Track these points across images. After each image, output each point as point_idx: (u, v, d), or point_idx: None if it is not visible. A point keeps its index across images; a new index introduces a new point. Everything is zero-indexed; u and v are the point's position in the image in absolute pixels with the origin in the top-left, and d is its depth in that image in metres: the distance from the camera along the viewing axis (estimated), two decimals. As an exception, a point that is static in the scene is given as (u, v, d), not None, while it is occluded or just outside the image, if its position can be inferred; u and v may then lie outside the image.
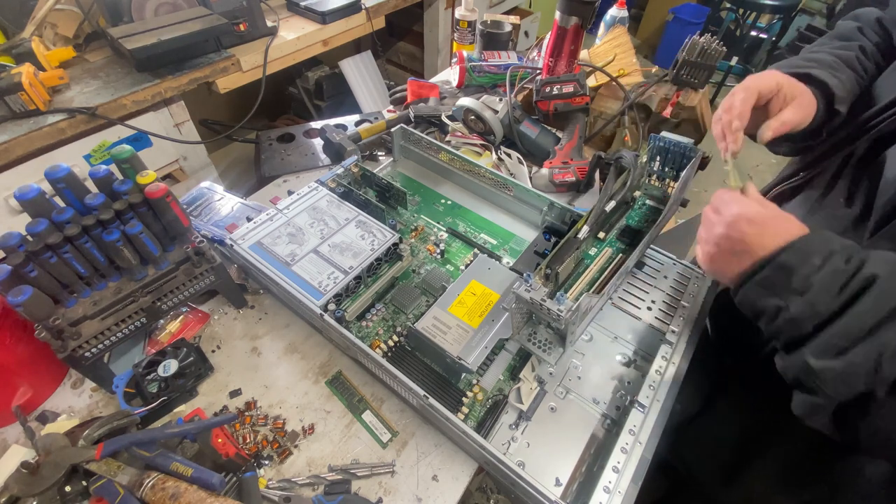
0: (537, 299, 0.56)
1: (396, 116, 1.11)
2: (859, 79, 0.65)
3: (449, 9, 2.03)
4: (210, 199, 0.90)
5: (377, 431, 0.65)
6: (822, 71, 0.62)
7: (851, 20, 0.71)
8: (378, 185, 0.90)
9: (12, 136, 0.99)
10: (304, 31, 1.49)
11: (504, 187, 0.90)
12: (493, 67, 1.22)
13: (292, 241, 0.74)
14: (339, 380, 0.70)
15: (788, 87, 0.60)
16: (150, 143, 1.24)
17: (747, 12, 3.12)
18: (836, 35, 0.72)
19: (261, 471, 0.61)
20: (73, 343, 0.59)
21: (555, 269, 0.64)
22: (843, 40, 0.69)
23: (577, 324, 0.60)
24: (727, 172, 0.59)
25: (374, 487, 0.60)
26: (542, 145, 1.05)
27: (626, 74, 1.12)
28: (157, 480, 0.51)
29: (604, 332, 0.76)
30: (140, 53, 1.14)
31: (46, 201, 0.58)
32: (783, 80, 0.60)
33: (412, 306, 0.75)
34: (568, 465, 0.62)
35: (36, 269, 0.55)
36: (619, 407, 0.67)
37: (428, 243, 0.85)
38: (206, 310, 0.78)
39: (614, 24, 1.29)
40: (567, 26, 0.90)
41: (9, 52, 1.10)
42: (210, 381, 0.69)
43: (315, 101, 1.94)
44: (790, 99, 0.60)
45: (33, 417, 0.64)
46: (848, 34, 0.69)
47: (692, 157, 0.75)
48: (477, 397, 0.66)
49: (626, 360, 0.73)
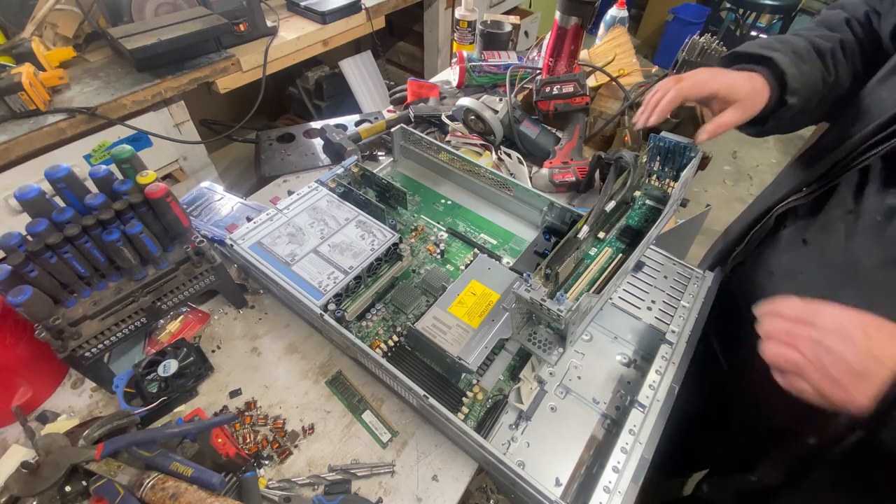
0: (537, 299, 0.56)
1: (396, 116, 1.11)
2: (826, 74, 0.65)
3: (449, 9, 2.03)
4: (210, 199, 0.90)
5: (377, 431, 0.65)
6: (785, 57, 0.62)
7: (839, 9, 0.70)
8: (378, 185, 0.90)
9: (12, 136, 0.99)
10: (304, 31, 1.49)
11: (504, 187, 0.90)
12: (493, 67, 1.22)
13: (292, 241, 0.74)
14: (339, 380, 0.70)
15: (728, 92, 0.62)
16: (150, 143, 1.24)
17: (747, 12, 3.12)
18: (822, 22, 0.71)
19: (261, 471, 0.61)
20: (73, 343, 0.59)
21: (555, 269, 0.64)
22: (829, 30, 0.68)
23: (577, 324, 0.60)
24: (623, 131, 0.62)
25: (374, 487, 0.60)
26: (542, 145, 1.05)
27: (626, 74, 1.12)
28: (157, 480, 0.51)
29: (604, 332, 0.76)
30: (140, 53, 1.14)
31: (46, 201, 0.58)
32: (722, 88, 0.62)
33: (412, 306, 0.75)
34: (568, 465, 0.62)
35: (36, 269, 0.55)
36: (619, 407, 0.67)
37: (428, 243, 0.85)
38: (206, 310, 0.78)
39: (614, 24, 1.29)
40: (567, 26, 0.90)
41: (9, 52, 1.09)
42: (210, 381, 0.69)
43: (315, 101, 1.94)
44: (731, 101, 0.62)
45: (33, 417, 0.64)
46: (835, 24, 0.69)
47: (692, 157, 0.75)
48: (477, 397, 0.66)
49: (626, 360, 0.73)
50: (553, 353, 0.63)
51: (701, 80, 0.62)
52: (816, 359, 0.42)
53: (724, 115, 0.62)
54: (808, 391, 0.43)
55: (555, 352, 0.63)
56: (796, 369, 0.43)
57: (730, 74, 0.64)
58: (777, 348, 0.45)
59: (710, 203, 2.59)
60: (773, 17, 3.14)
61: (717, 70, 0.66)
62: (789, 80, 0.62)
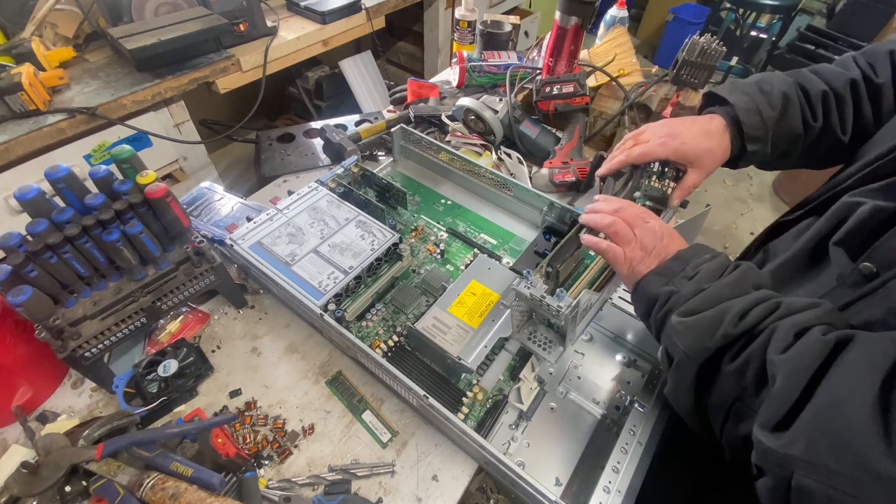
0: (537, 295, 0.56)
1: (396, 116, 1.10)
2: (809, 118, 0.63)
3: (449, 9, 2.03)
4: (210, 199, 0.90)
5: (377, 431, 0.65)
6: (749, 103, 0.63)
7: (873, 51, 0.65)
8: (378, 185, 0.90)
9: (12, 136, 0.99)
10: (304, 31, 1.49)
11: (504, 187, 0.90)
12: (493, 67, 1.22)
13: (292, 241, 0.74)
14: (339, 380, 0.70)
15: (676, 157, 0.65)
16: (150, 143, 1.24)
17: (747, 12, 3.12)
18: (865, 53, 0.66)
19: (261, 471, 0.61)
20: (73, 343, 0.59)
21: (556, 267, 0.64)
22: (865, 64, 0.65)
23: (577, 322, 0.60)
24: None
25: (374, 487, 0.60)
26: (542, 145, 1.05)
27: (626, 74, 1.12)
28: (157, 480, 0.51)
29: (604, 332, 0.76)
30: (140, 53, 1.14)
31: (46, 201, 0.58)
32: (670, 156, 0.65)
33: (412, 306, 0.75)
34: (568, 465, 0.62)
35: (36, 269, 0.55)
36: (619, 407, 0.67)
37: (428, 243, 0.85)
38: (206, 310, 0.78)
39: (614, 24, 1.29)
40: (567, 26, 0.90)
41: (9, 52, 1.09)
42: (210, 381, 0.69)
43: (315, 101, 1.94)
44: (688, 163, 0.65)
45: (33, 417, 0.64)
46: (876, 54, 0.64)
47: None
48: (477, 397, 0.66)
49: (626, 360, 0.73)
50: (553, 352, 0.63)
51: (648, 150, 0.66)
52: (640, 241, 0.55)
53: (688, 179, 0.66)
54: (624, 258, 0.56)
55: (555, 351, 0.63)
56: (615, 235, 0.57)
57: (681, 136, 0.64)
58: (592, 216, 0.60)
59: (710, 203, 2.59)
60: (773, 17, 3.14)
61: (672, 128, 0.66)
62: (746, 128, 0.63)
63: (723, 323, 0.44)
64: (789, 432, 0.37)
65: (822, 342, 0.40)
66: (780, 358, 0.40)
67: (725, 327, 0.44)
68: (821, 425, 0.36)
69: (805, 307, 0.44)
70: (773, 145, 0.65)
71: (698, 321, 0.46)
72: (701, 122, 0.66)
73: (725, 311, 0.45)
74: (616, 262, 0.57)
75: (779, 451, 0.37)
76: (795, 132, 0.64)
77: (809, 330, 0.41)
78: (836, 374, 0.38)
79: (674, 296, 0.49)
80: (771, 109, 0.63)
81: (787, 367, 0.39)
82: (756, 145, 0.64)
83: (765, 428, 0.39)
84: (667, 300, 0.50)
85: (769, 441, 0.38)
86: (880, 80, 0.62)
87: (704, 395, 0.48)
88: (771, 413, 0.39)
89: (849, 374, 0.37)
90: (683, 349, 0.47)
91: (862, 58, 0.66)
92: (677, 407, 0.53)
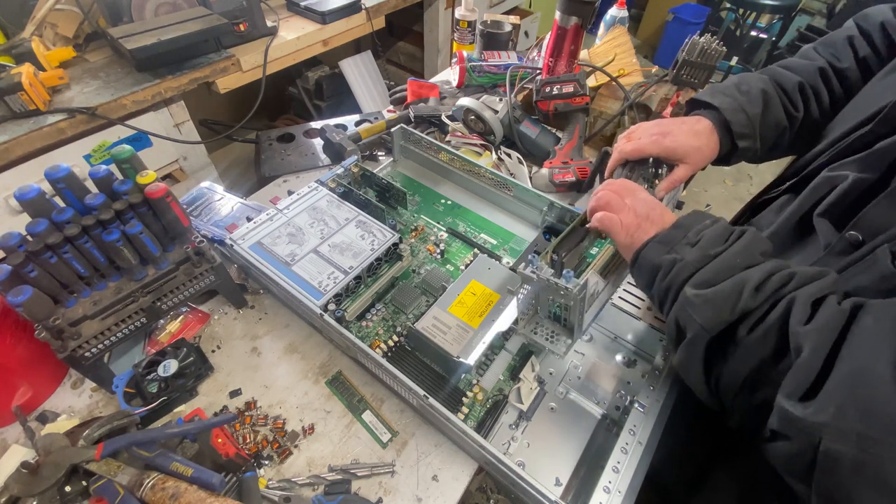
0: (544, 277, 0.56)
1: (396, 116, 1.10)
2: (791, 110, 0.68)
3: (449, 9, 2.03)
4: (210, 199, 0.90)
5: (377, 431, 0.65)
6: (732, 103, 0.67)
7: (860, 20, 0.69)
8: (378, 185, 0.90)
9: (12, 136, 0.99)
10: (304, 31, 1.49)
11: (504, 187, 0.90)
12: (493, 67, 1.22)
13: (292, 241, 0.74)
14: (339, 380, 0.70)
15: (667, 155, 0.67)
16: (150, 143, 1.24)
17: (747, 12, 3.12)
18: (823, 42, 0.73)
19: (261, 471, 0.61)
20: (73, 343, 0.59)
21: (561, 254, 0.64)
22: (828, 54, 0.71)
23: (585, 306, 0.60)
24: None
25: (374, 487, 0.60)
26: (542, 145, 1.05)
27: (626, 74, 1.12)
28: (157, 480, 0.51)
29: (604, 332, 0.76)
30: (140, 53, 1.14)
31: (46, 201, 0.58)
32: (661, 153, 0.67)
33: (412, 306, 0.75)
34: (568, 465, 0.62)
35: (36, 269, 0.55)
36: (619, 407, 0.67)
37: (428, 243, 0.85)
38: (206, 310, 0.78)
39: (614, 24, 1.29)
40: (567, 26, 0.90)
41: (9, 52, 1.09)
42: (210, 381, 0.69)
43: (315, 101, 1.94)
44: (678, 159, 0.67)
45: (33, 417, 0.64)
46: (837, 44, 0.70)
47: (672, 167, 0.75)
48: (477, 397, 0.66)
49: (626, 360, 0.73)
50: (561, 343, 0.63)
51: (640, 146, 0.68)
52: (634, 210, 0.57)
53: (676, 173, 0.68)
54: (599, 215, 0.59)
55: (562, 342, 0.63)
56: (607, 205, 0.59)
57: (671, 134, 0.67)
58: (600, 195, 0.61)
59: (710, 203, 2.59)
60: (773, 17, 3.14)
61: (663, 126, 0.69)
62: (734, 127, 0.67)
63: (741, 296, 0.44)
64: (816, 401, 0.38)
65: (840, 311, 0.41)
66: (804, 329, 0.40)
67: (745, 301, 0.44)
68: (847, 392, 0.37)
69: (815, 276, 0.45)
70: (762, 139, 0.69)
71: (716, 294, 0.45)
72: (689, 122, 0.69)
73: (742, 283, 0.45)
74: (612, 230, 0.58)
75: (807, 419, 0.38)
76: (781, 124, 0.69)
77: (826, 299, 0.42)
78: (855, 341, 0.39)
79: (677, 263, 0.50)
80: (754, 107, 0.67)
81: (814, 338, 0.40)
82: (746, 141, 0.68)
83: (791, 398, 0.40)
84: (670, 269, 0.50)
85: (797, 410, 0.38)
86: (843, 64, 0.68)
87: (716, 366, 0.48)
88: (798, 383, 0.40)
89: (868, 340, 0.38)
90: (701, 322, 0.46)
91: (822, 47, 0.73)
92: (687, 379, 0.53)
